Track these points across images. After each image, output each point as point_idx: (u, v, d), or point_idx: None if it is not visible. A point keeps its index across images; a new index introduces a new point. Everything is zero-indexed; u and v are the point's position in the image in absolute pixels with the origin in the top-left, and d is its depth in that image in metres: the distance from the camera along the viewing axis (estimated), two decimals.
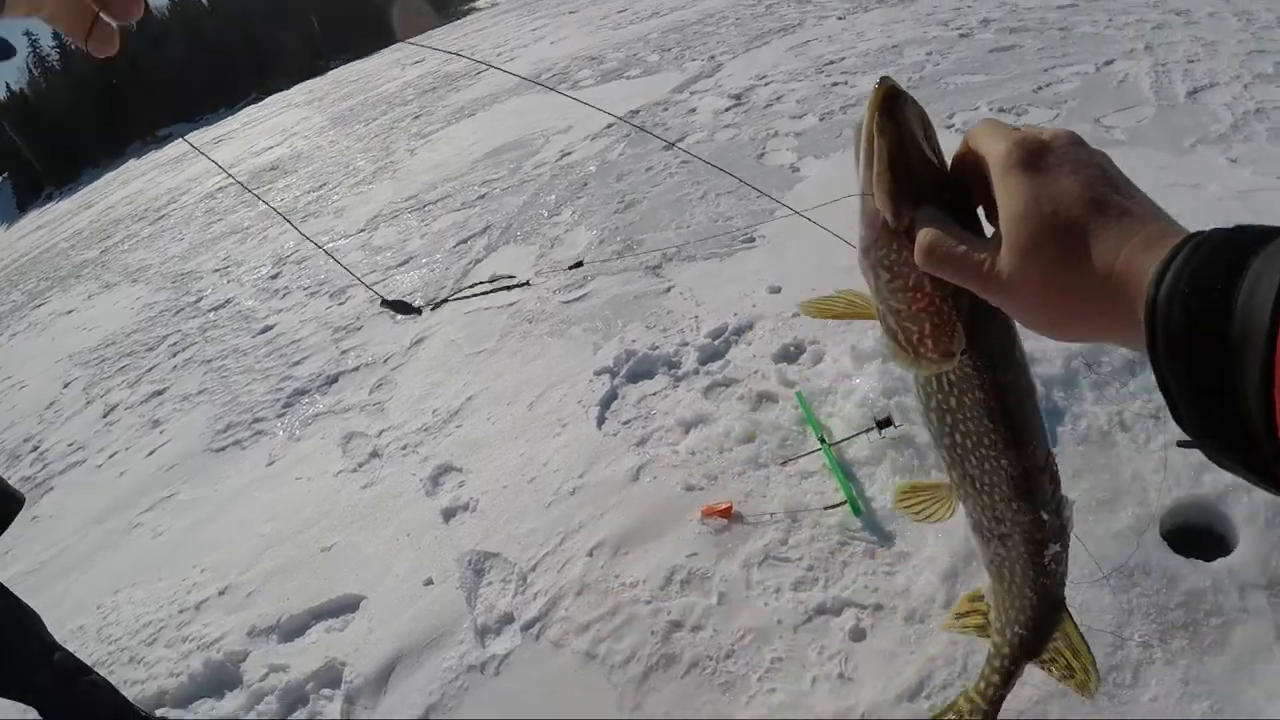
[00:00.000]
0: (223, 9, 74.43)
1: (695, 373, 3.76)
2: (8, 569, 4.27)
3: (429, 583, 3.04)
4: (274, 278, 7.53)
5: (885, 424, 2.80)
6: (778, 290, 4.21)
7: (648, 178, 6.54)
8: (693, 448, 3.26)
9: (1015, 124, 0.65)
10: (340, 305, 6.19)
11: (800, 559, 2.61)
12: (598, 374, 3.96)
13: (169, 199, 13.19)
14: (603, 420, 3.65)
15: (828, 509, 2.73)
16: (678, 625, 2.53)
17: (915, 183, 0.72)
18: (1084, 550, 2.24)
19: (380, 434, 4.21)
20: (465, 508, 3.39)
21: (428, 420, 4.16)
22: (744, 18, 11.62)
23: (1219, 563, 2.23)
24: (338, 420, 4.53)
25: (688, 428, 3.40)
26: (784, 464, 3.00)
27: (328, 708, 2.70)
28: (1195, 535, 2.37)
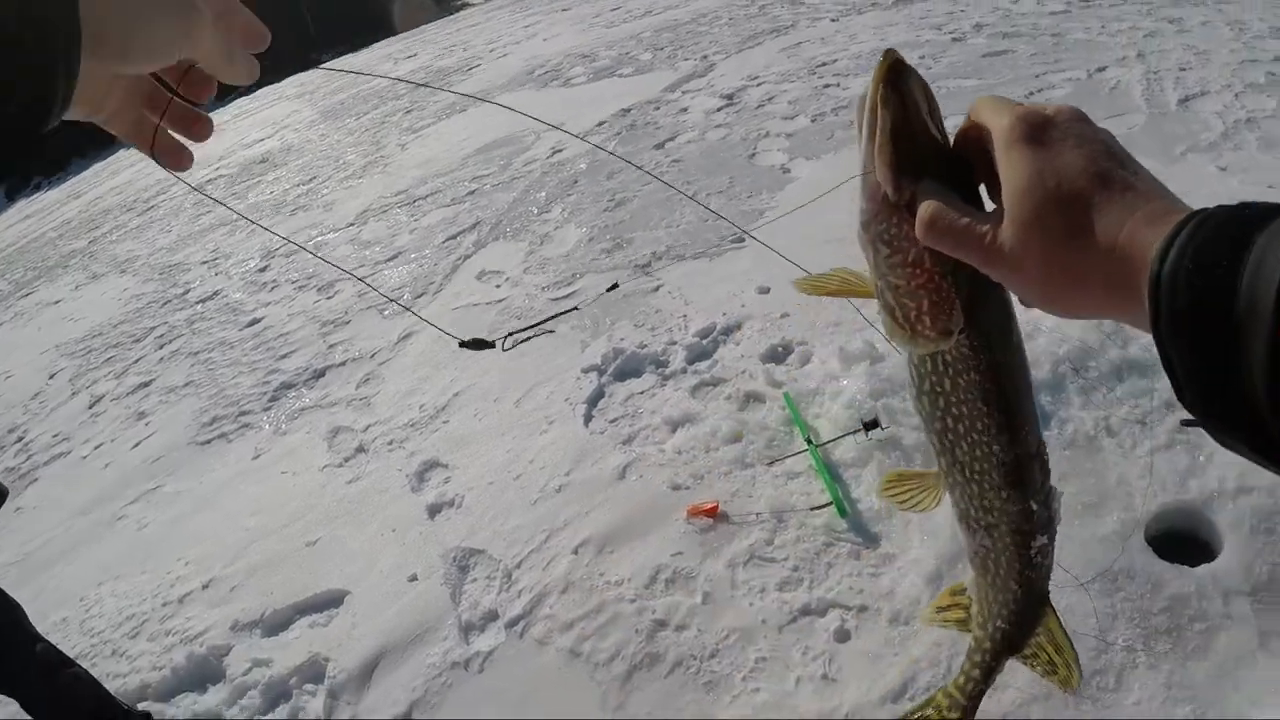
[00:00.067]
0: None
1: (683, 372, 3.76)
2: None
3: (413, 579, 3.03)
4: (262, 270, 7.47)
5: (872, 426, 2.80)
6: (767, 290, 4.21)
7: (638, 176, 6.52)
8: (679, 447, 3.26)
9: None
10: (328, 299, 6.15)
11: (785, 559, 2.62)
12: (585, 372, 3.96)
13: (158, 190, 13.07)
14: (590, 418, 3.64)
15: (814, 510, 2.73)
16: (662, 624, 2.53)
17: (917, 156, 0.71)
18: (1064, 556, 2.24)
19: (366, 429, 4.19)
20: (451, 504, 3.38)
21: (414, 416, 4.14)
22: (737, 18, 11.61)
23: (1203, 568, 2.24)
24: (324, 414, 4.51)
25: (675, 427, 3.40)
26: (770, 464, 3.00)
27: (311, 703, 2.69)
28: (1180, 541, 2.39)
